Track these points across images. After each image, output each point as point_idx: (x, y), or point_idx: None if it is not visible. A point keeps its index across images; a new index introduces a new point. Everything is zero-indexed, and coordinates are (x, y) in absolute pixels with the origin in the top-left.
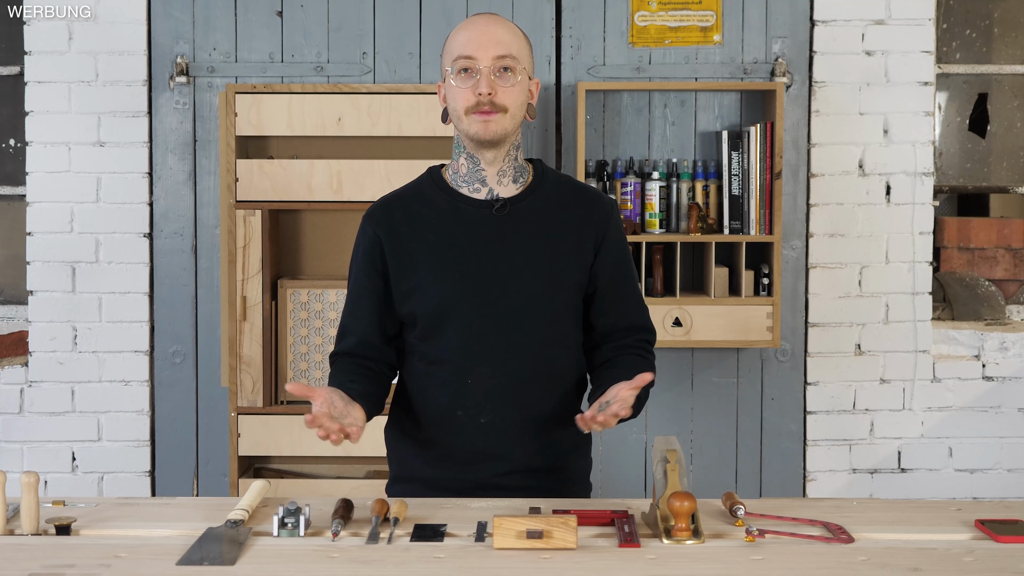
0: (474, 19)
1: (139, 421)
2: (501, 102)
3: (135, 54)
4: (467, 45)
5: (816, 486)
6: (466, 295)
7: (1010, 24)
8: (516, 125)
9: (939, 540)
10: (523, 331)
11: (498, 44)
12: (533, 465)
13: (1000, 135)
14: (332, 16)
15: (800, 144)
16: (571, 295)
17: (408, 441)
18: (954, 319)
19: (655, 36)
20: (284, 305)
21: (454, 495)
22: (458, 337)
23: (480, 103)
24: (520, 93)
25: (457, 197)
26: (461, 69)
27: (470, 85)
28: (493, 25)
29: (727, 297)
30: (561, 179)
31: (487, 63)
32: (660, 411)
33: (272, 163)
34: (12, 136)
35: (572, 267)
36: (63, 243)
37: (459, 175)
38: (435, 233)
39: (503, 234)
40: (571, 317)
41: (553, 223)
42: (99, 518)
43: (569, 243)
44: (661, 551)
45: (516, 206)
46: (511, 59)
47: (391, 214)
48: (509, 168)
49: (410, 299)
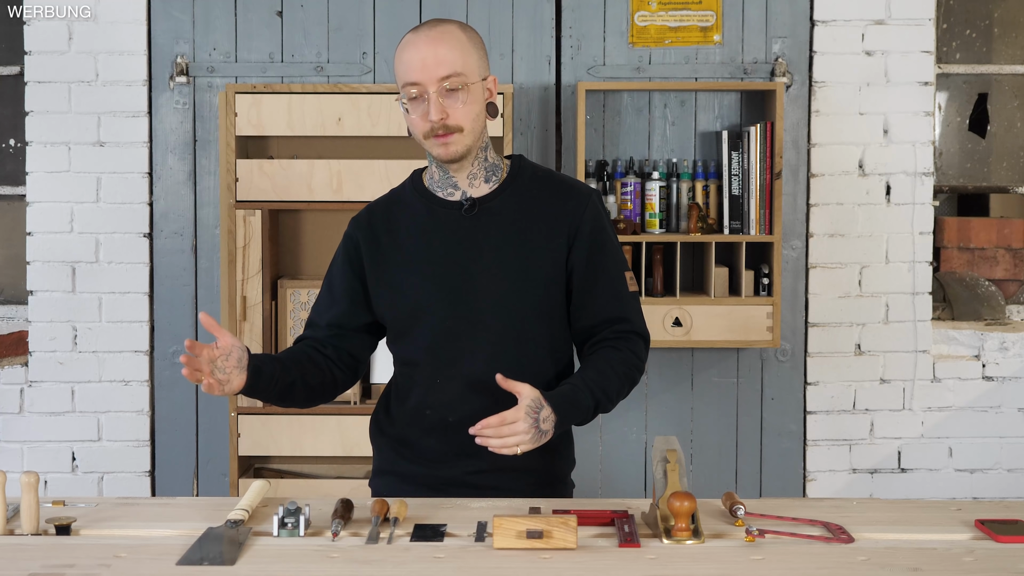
0: (413, 38)
1: (139, 421)
2: (455, 123)
3: (135, 54)
4: (411, 71)
5: (816, 486)
6: (436, 296)
7: (1010, 24)
8: (476, 137)
9: (939, 540)
10: (492, 330)
11: (440, 65)
12: (505, 464)
13: (1000, 135)
14: (332, 16)
15: (800, 144)
16: (545, 292)
17: (384, 437)
18: (954, 319)
19: (655, 36)
20: (284, 305)
21: (429, 491)
22: (428, 337)
23: (434, 128)
24: (473, 107)
25: (433, 200)
26: (411, 97)
27: (421, 111)
28: (434, 43)
29: (727, 297)
30: (539, 173)
31: (433, 86)
32: (660, 411)
33: (272, 163)
34: (12, 136)
35: (545, 263)
36: (63, 243)
37: (434, 181)
38: (410, 236)
39: (473, 234)
40: (546, 315)
41: (525, 219)
42: (99, 518)
43: (541, 238)
44: (661, 551)
45: (486, 205)
46: (456, 77)
47: (372, 219)
48: (479, 170)
49: (384, 301)
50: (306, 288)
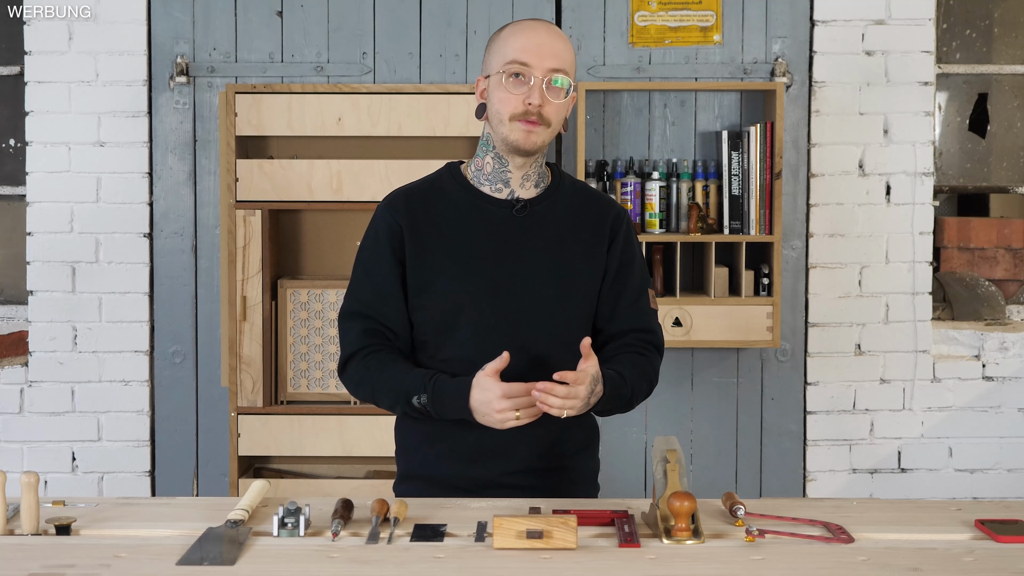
0: (531, 24)
1: (139, 421)
2: (547, 115)
3: (135, 54)
4: (524, 51)
5: (816, 486)
6: (481, 293)
7: (1010, 24)
8: (552, 137)
9: (939, 540)
10: (535, 332)
11: (554, 56)
12: (539, 464)
13: (1000, 135)
14: (332, 16)
15: (800, 144)
16: (583, 299)
17: (416, 437)
18: (954, 319)
19: (655, 36)
20: (284, 305)
21: (461, 493)
22: (471, 334)
23: (528, 112)
24: (564, 108)
25: (478, 195)
26: (513, 74)
27: (520, 92)
28: (551, 35)
29: (727, 297)
30: (577, 184)
31: (541, 73)
32: (660, 411)
33: (272, 163)
34: (12, 136)
35: (586, 271)
36: (63, 243)
37: (483, 172)
38: (454, 229)
39: (521, 235)
40: (582, 321)
41: (569, 227)
42: (99, 518)
43: (583, 248)
44: (661, 551)
45: (535, 208)
46: (564, 74)
47: (411, 205)
48: (533, 173)
49: (424, 293)
50: (306, 288)
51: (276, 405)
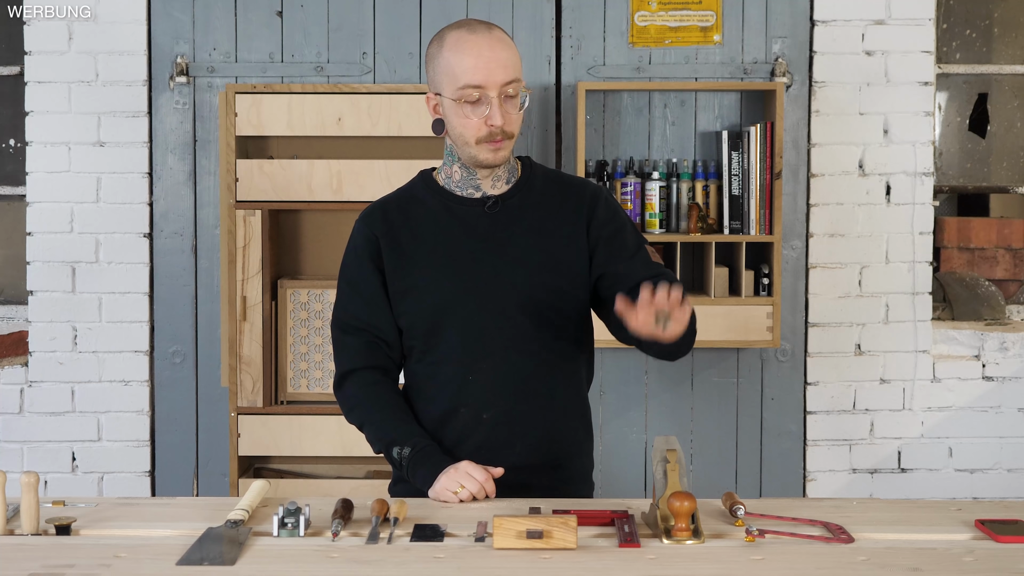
0: (472, 39)
1: (139, 421)
2: (510, 129)
3: (135, 54)
4: (474, 72)
5: (816, 486)
6: (464, 292)
7: (1010, 24)
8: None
9: (939, 540)
10: (523, 324)
11: (504, 68)
12: (535, 461)
13: (1000, 135)
14: (332, 16)
15: (800, 144)
16: (571, 285)
17: None
18: (954, 319)
19: (655, 36)
20: (284, 305)
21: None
22: (458, 334)
23: (492, 134)
24: (522, 113)
25: (450, 198)
26: (471, 100)
27: (480, 113)
28: (494, 46)
29: (727, 297)
30: (549, 173)
31: (495, 90)
32: (660, 411)
33: (272, 163)
34: (12, 136)
35: (569, 256)
36: (63, 243)
37: (452, 180)
38: (430, 233)
39: (497, 231)
40: (573, 309)
41: (543, 214)
42: (99, 518)
43: (563, 233)
44: (661, 551)
45: (507, 202)
46: (516, 83)
47: (386, 215)
48: (503, 172)
49: (406, 299)
50: (306, 288)
51: (276, 405)
